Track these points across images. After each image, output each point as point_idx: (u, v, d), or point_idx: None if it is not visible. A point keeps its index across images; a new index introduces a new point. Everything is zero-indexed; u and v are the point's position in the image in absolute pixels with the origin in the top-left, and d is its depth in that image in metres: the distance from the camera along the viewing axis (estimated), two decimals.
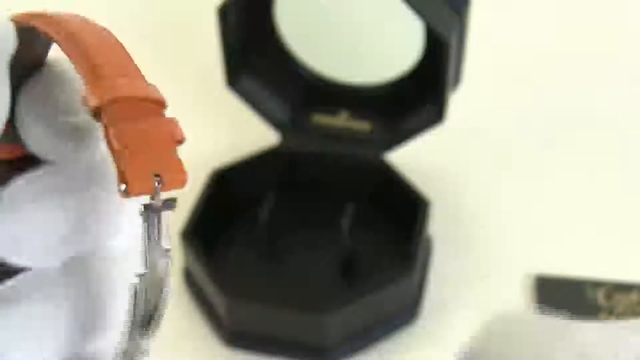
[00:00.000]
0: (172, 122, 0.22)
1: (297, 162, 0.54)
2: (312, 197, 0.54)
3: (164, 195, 0.21)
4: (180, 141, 0.22)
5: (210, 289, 0.48)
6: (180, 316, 0.51)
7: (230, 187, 0.53)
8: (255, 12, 0.52)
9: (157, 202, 0.21)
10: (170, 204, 0.21)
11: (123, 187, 0.20)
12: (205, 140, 0.59)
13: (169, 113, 0.22)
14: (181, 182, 0.21)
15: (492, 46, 0.63)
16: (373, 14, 0.53)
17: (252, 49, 0.54)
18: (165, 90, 0.23)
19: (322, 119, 0.55)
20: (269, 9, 0.52)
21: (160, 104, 0.22)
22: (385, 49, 0.54)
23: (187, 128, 0.23)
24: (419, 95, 0.52)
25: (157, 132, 0.21)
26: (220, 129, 0.60)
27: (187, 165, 0.22)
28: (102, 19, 0.76)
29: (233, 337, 0.49)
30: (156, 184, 0.21)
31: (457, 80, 0.52)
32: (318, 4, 0.54)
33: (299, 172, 0.54)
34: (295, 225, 0.53)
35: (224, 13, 0.49)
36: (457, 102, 0.53)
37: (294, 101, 0.55)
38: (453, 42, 0.47)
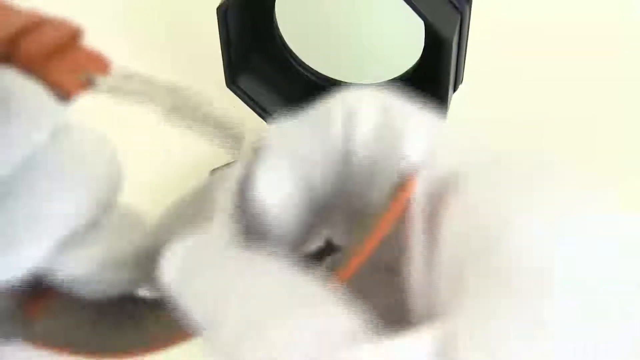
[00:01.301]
0: (61, 24, 0.23)
1: None
2: None
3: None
4: (79, 33, 0.23)
5: None
6: None
7: None
8: (255, 12, 0.52)
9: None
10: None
11: (61, 94, 0.21)
12: (205, 141, 0.58)
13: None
14: (104, 63, 0.23)
15: (494, 45, 0.63)
16: (373, 14, 0.53)
17: (252, 48, 0.54)
18: None
19: None
20: (269, 9, 0.52)
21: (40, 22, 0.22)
22: (386, 48, 0.54)
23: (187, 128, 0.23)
24: (419, 95, 0.52)
25: (56, 37, 0.22)
26: None
27: (187, 165, 0.22)
28: (102, 19, 0.76)
29: None
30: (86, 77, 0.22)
31: (457, 79, 0.52)
32: (318, 4, 0.54)
33: None
34: None
35: (224, 13, 0.49)
36: (458, 101, 0.53)
37: (294, 101, 0.55)
38: (454, 41, 0.47)
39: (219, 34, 0.50)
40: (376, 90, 0.23)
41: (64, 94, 0.21)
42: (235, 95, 0.54)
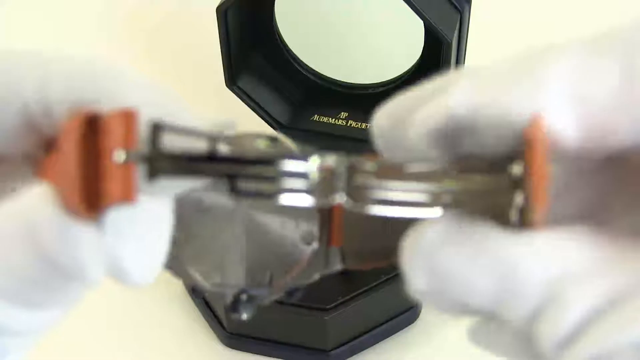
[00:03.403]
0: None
1: None
2: None
3: None
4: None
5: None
6: (181, 317, 0.51)
7: None
8: (255, 12, 0.52)
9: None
10: None
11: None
12: None
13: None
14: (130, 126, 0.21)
15: (493, 45, 0.63)
16: (373, 14, 0.53)
17: (252, 48, 0.54)
18: None
19: (322, 119, 0.55)
20: (269, 9, 0.52)
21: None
22: (386, 48, 0.54)
23: None
24: None
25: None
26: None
27: None
28: (103, 19, 0.76)
29: (233, 337, 0.49)
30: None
31: None
32: (318, 4, 0.54)
33: None
34: None
35: (224, 13, 0.49)
36: None
37: (294, 101, 0.55)
38: (453, 41, 0.47)
39: (219, 34, 0.50)
40: None
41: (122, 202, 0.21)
42: (235, 95, 0.54)
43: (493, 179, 0.21)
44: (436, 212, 0.21)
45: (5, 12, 0.71)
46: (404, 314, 0.49)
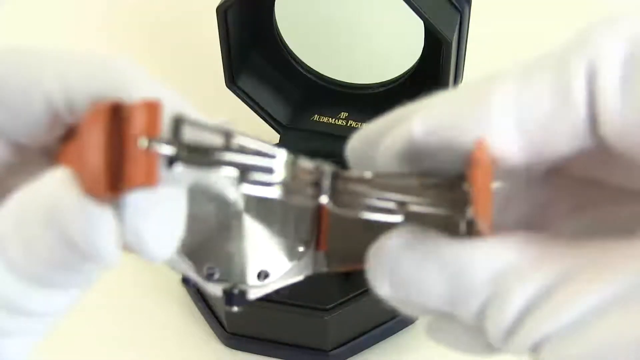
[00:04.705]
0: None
1: None
2: None
3: None
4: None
5: None
6: (181, 318, 0.51)
7: None
8: (255, 12, 0.52)
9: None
10: None
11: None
12: None
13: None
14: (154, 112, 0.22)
15: (493, 45, 0.63)
16: (373, 14, 0.53)
17: (252, 48, 0.54)
18: None
19: (322, 119, 0.55)
20: (269, 9, 0.52)
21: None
22: (386, 48, 0.54)
23: None
24: (419, 95, 0.52)
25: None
26: None
27: None
28: (103, 19, 0.76)
29: (234, 338, 0.49)
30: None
31: (457, 79, 0.52)
32: (318, 4, 0.54)
33: None
34: None
35: (224, 13, 0.49)
36: None
37: (294, 101, 0.55)
38: (453, 41, 0.47)
39: (219, 34, 0.50)
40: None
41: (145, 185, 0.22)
42: (235, 95, 0.54)
43: (449, 195, 0.23)
44: (399, 218, 0.23)
45: (6, 12, 0.71)
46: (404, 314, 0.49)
